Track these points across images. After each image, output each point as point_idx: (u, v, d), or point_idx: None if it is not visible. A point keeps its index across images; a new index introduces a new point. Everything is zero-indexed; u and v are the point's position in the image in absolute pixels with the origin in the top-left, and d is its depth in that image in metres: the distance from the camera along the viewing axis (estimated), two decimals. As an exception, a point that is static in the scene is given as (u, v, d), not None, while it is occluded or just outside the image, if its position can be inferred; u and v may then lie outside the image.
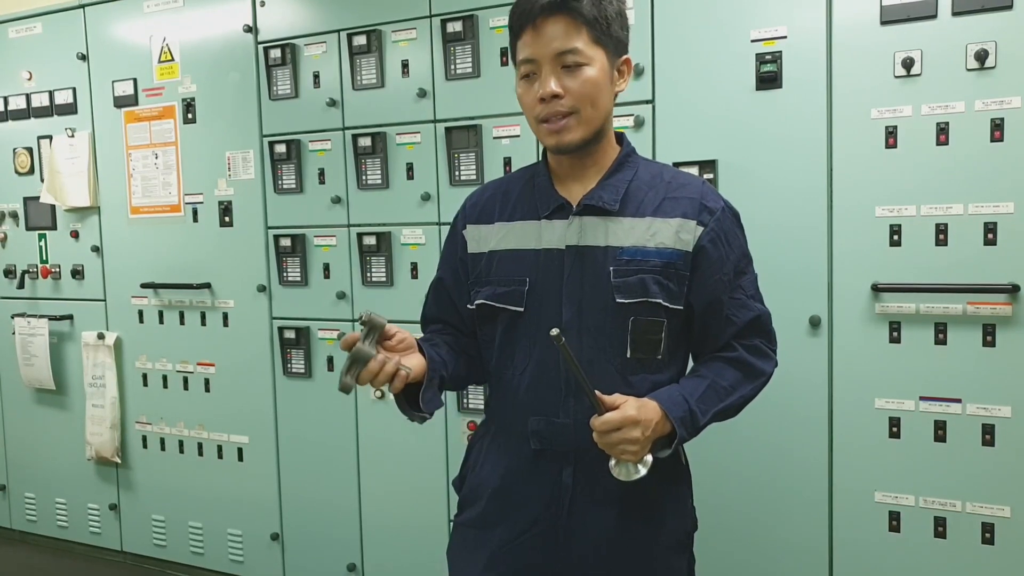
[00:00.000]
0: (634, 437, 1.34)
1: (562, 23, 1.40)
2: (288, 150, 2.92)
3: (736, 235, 1.52)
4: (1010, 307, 2.03)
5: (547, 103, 1.42)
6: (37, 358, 3.51)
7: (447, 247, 1.68)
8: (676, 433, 1.40)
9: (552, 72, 1.41)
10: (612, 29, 1.44)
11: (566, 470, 1.47)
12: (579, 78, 1.41)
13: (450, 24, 2.60)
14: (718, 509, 2.28)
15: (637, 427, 1.34)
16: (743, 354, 1.51)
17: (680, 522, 1.55)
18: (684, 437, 1.41)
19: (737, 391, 1.49)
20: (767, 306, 1.57)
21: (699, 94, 2.31)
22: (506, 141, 2.57)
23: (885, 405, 2.17)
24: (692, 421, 1.42)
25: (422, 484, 2.82)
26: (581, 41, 1.41)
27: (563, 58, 1.41)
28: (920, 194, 2.09)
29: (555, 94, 1.41)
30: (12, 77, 3.50)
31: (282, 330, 3.00)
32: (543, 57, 1.42)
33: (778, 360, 1.58)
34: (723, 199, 1.52)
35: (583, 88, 1.41)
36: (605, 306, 1.45)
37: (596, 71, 1.42)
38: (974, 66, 2.02)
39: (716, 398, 1.46)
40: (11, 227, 3.58)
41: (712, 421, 1.47)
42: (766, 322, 1.55)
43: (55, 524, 3.64)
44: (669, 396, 1.42)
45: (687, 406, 1.42)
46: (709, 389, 1.46)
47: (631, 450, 1.35)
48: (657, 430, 1.38)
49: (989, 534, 2.09)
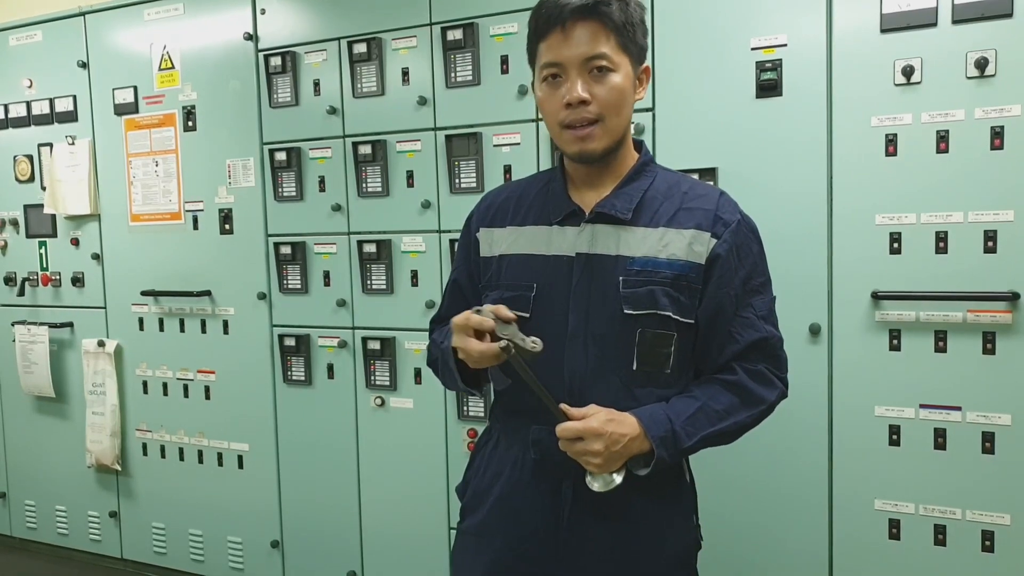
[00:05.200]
0: (595, 449, 1.33)
1: (591, 28, 1.38)
2: (288, 158, 2.92)
3: (750, 250, 1.47)
4: (1010, 315, 2.03)
5: (573, 108, 1.40)
6: (37, 365, 3.51)
7: (461, 249, 1.66)
8: (656, 453, 1.37)
9: (580, 77, 1.39)
10: (636, 36, 1.43)
11: (566, 482, 1.46)
12: (606, 84, 1.39)
13: (450, 32, 2.61)
14: (719, 516, 2.27)
15: (599, 440, 1.33)
16: (743, 378, 1.45)
17: (682, 540, 1.53)
18: (664, 458, 1.37)
19: (731, 417, 1.43)
20: (780, 332, 1.51)
21: (699, 102, 2.31)
22: (506, 149, 2.58)
23: (885, 413, 2.17)
24: (674, 442, 1.38)
25: (422, 491, 2.82)
26: (609, 47, 1.39)
27: (591, 63, 1.39)
28: (920, 202, 2.10)
29: (583, 99, 1.39)
30: (13, 85, 3.50)
31: (282, 338, 3.00)
32: (571, 61, 1.39)
33: (787, 389, 1.52)
34: (741, 212, 1.49)
35: (610, 95, 1.40)
36: (612, 316, 1.42)
37: (622, 78, 1.41)
38: (974, 74, 2.02)
39: (707, 422, 1.41)
40: (11, 234, 3.58)
41: (703, 446, 1.42)
42: (775, 347, 1.49)
43: (55, 532, 3.64)
44: (651, 414, 1.39)
45: (670, 426, 1.38)
46: (699, 412, 1.41)
47: (594, 462, 1.34)
48: (632, 447, 1.36)
49: (989, 542, 2.09)
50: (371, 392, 2.86)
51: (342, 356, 2.91)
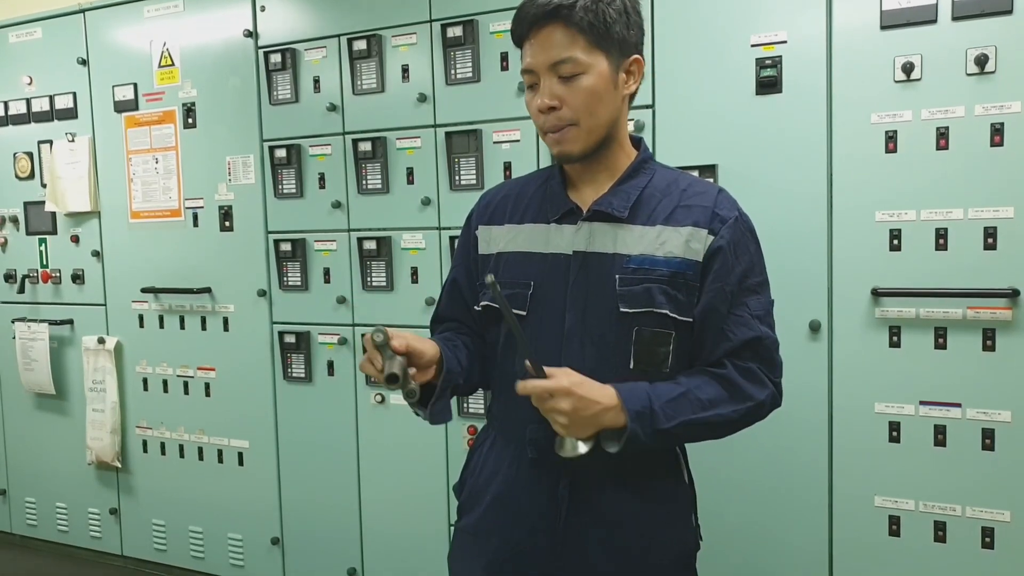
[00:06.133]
0: (561, 408, 1.29)
1: (556, 32, 1.37)
2: (288, 155, 2.92)
3: (747, 248, 1.44)
4: (1010, 312, 2.03)
5: (546, 114, 1.40)
6: (37, 363, 3.51)
7: (460, 247, 1.66)
8: (629, 427, 1.32)
9: (549, 82, 1.39)
10: (614, 31, 1.39)
11: (563, 481, 1.45)
12: (575, 88, 1.38)
13: (450, 29, 2.61)
14: (718, 515, 2.28)
15: (568, 399, 1.29)
16: (731, 372, 1.40)
17: (681, 540, 1.51)
18: (637, 434, 1.32)
19: (715, 408, 1.38)
20: (777, 336, 1.47)
21: (699, 99, 2.31)
22: (506, 146, 2.58)
23: (885, 409, 2.17)
24: (651, 420, 1.33)
25: (422, 488, 2.82)
26: (578, 48, 1.37)
27: (558, 68, 1.38)
28: (920, 199, 2.10)
29: (551, 106, 1.39)
30: (13, 82, 3.50)
31: (282, 335, 3.00)
32: (539, 67, 1.39)
33: (780, 398, 1.47)
34: (739, 209, 1.47)
35: (578, 99, 1.38)
36: (609, 315, 1.41)
37: (594, 79, 1.39)
38: (974, 71, 2.02)
39: (689, 408, 1.36)
40: (11, 232, 3.58)
41: (682, 434, 1.39)
42: (768, 347, 1.44)
43: (55, 528, 3.64)
44: (631, 388, 1.35)
45: (648, 403, 1.33)
46: (683, 397, 1.36)
47: (560, 421, 1.31)
48: (606, 418, 1.32)
49: (989, 538, 2.09)
50: (371, 389, 2.86)
51: (342, 353, 2.91)
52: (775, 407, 1.47)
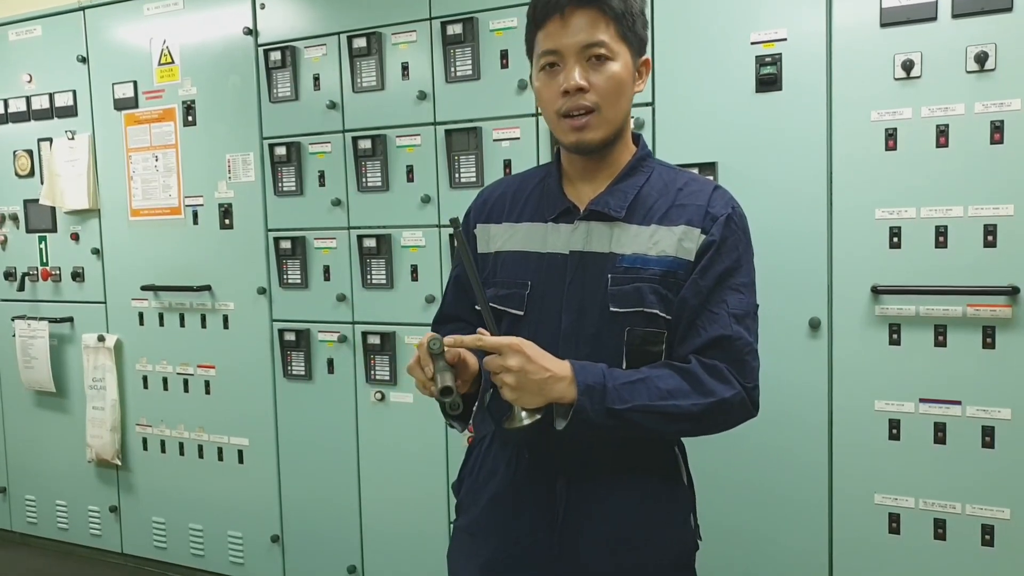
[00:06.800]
0: (510, 365, 1.27)
1: (590, 15, 1.36)
2: (288, 152, 2.92)
3: (735, 246, 1.41)
4: (1010, 309, 2.03)
5: (571, 96, 1.38)
6: (37, 360, 3.51)
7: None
8: (578, 400, 1.28)
9: (578, 64, 1.37)
10: (636, 26, 1.41)
11: (560, 481, 1.44)
12: (604, 73, 1.37)
13: (450, 26, 2.61)
14: (718, 514, 2.28)
15: (517, 357, 1.27)
16: (695, 367, 1.36)
17: (680, 541, 1.50)
18: (585, 408, 1.28)
19: (674, 399, 1.33)
20: (755, 340, 1.41)
21: (699, 96, 2.31)
22: (506, 143, 2.57)
23: (885, 407, 2.17)
24: (602, 397, 1.29)
25: (422, 487, 2.82)
26: (608, 35, 1.37)
27: (590, 50, 1.36)
28: (920, 196, 2.10)
29: (580, 87, 1.36)
30: (12, 80, 3.50)
31: (282, 332, 3.00)
32: (569, 49, 1.37)
33: (753, 406, 1.40)
34: (733, 207, 1.43)
35: (608, 84, 1.37)
36: (602, 315, 1.40)
37: (621, 67, 1.38)
38: (974, 68, 2.02)
39: (646, 394, 1.32)
40: (11, 229, 3.58)
41: (638, 420, 1.32)
42: (739, 348, 1.38)
43: (55, 526, 3.64)
44: (587, 364, 1.33)
45: (602, 380, 1.30)
46: (640, 382, 1.32)
47: (508, 382, 1.28)
48: (556, 388, 1.29)
49: (989, 536, 2.09)
50: (371, 387, 2.86)
51: (342, 351, 2.91)
52: (747, 413, 1.40)
